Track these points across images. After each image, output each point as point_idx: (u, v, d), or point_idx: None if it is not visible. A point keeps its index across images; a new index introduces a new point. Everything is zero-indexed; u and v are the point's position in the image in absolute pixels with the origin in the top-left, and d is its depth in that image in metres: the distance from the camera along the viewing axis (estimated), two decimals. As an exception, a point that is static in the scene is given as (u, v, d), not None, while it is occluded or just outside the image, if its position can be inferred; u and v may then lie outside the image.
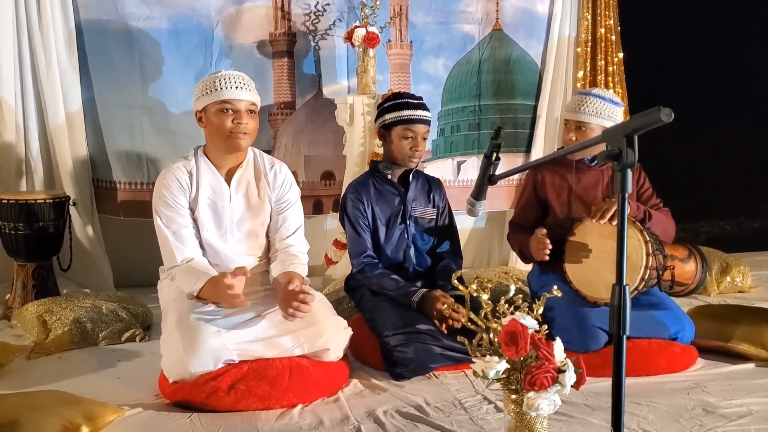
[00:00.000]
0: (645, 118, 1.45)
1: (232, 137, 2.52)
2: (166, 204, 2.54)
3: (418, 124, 2.92)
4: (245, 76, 2.58)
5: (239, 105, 2.51)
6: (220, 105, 2.50)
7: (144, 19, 3.90)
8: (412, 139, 2.92)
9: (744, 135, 5.26)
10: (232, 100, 2.50)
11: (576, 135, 2.96)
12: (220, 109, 2.50)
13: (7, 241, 3.47)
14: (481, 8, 4.53)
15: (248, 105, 2.54)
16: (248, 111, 2.54)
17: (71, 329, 3.01)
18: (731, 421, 2.23)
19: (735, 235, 5.40)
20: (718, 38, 4.98)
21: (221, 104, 2.50)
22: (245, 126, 2.51)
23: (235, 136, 2.51)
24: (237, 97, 2.50)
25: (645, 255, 2.63)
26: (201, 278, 2.44)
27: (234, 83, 2.50)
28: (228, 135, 2.52)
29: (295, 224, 2.70)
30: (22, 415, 1.98)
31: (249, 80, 2.58)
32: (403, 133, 2.92)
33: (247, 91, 2.53)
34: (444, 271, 2.98)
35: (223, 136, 2.52)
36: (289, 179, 2.72)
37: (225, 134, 2.52)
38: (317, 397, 2.42)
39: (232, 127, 2.50)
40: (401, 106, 2.94)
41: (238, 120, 2.51)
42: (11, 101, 3.69)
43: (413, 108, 2.93)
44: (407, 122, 2.91)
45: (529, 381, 1.72)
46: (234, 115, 2.51)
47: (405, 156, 2.94)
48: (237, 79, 2.52)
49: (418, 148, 2.92)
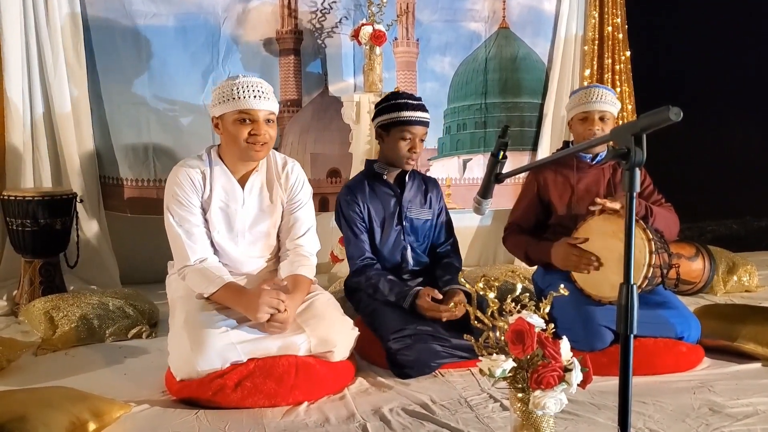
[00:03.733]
0: (654, 117, 1.44)
1: (249, 148, 2.48)
2: (178, 203, 2.52)
3: (416, 126, 2.88)
4: (264, 82, 2.52)
5: (258, 115, 2.46)
6: (238, 115, 2.45)
7: (151, 16, 3.91)
8: (410, 141, 2.88)
9: (751, 133, 5.26)
10: (250, 110, 2.45)
11: (601, 126, 2.96)
12: (238, 119, 2.45)
13: (14, 237, 3.48)
14: (488, 6, 4.53)
15: (267, 114, 2.49)
16: (267, 120, 2.49)
17: (78, 326, 3.02)
18: (737, 420, 2.22)
19: (742, 234, 5.38)
20: (725, 37, 4.96)
21: (239, 114, 2.45)
22: (263, 136, 2.47)
23: (253, 147, 2.47)
24: (256, 107, 2.44)
25: (648, 253, 2.61)
26: (215, 282, 2.44)
27: (252, 92, 2.44)
28: (245, 146, 2.47)
29: (307, 224, 2.68)
30: (30, 411, 1.99)
31: (268, 87, 2.52)
32: (401, 134, 2.87)
33: (266, 101, 2.47)
34: (446, 267, 2.97)
35: (240, 146, 2.48)
36: (302, 179, 2.70)
37: (242, 145, 2.47)
38: (323, 395, 2.42)
39: (249, 138, 2.46)
40: (400, 106, 2.89)
41: (256, 131, 2.46)
42: (18, 99, 3.70)
43: (412, 109, 2.88)
44: (406, 123, 2.86)
45: (535, 379, 1.72)
46: (252, 126, 2.46)
47: (402, 157, 2.91)
48: (256, 88, 2.46)
49: (416, 150, 2.89)
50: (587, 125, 2.99)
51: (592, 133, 2.96)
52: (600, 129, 2.97)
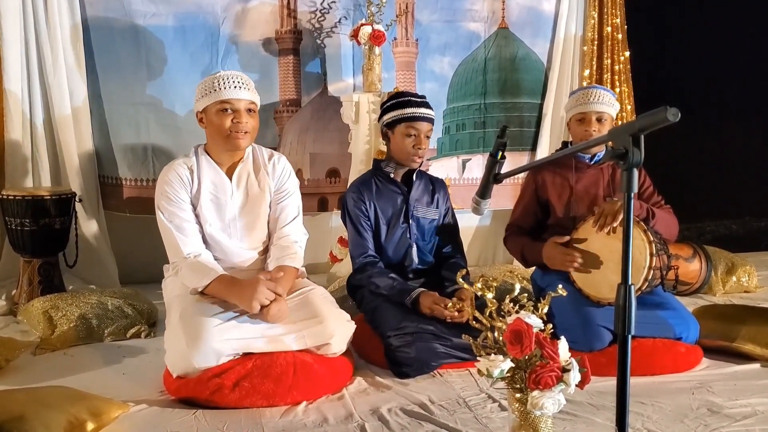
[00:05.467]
0: (651, 117, 1.44)
1: (232, 137, 2.54)
2: (167, 199, 2.55)
3: (421, 122, 2.91)
4: (244, 75, 2.60)
5: (238, 104, 2.53)
6: (220, 105, 2.52)
7: (150, 16, 3.91)
8: (415, 137, 2.90)
9: (750, 134, 5.25)
10: (231, 99, 2.51)
11: (598, 127, 2.96)
12: (219, 109, 2.52)
13: (13, 236, 3.48)
14: (487, 6, 4.53)
15: (247, 104, 2.55)
16: (247, 110, 2.55)
17: (77, 325, 3.02)
18: (736, 421, 2.22)
19: (741, 234, 5.38)
20: (725, 37, 4.96)
21: (221, 104, 2.52)
22: (245, 125, 2.53)
23: (235, 135, 2.53)
24: (236, 96, 2.52)
25: (649, 255, 2.62)
26: (209, 274, 2.46)
27: (233, 83, 2.52)
28: (228, 135, 2.53)
29: (293, 213, 2.72)
30: (28, 410, 1.98)
31: (248, 79, 2.59)
32: (406, 131, 2.90)
33: (246, 90, 2.55)
34: (453, 267, 2.97)
35: (223, 135, 2.54)
36: (288, 169, 2.75)
37: (225, 134, 2.53)
38: (321, 395, 2.42)
39: (232, 126, 2.52)
40: (404, 104, 2.93)
41: (238, 119, 2.52)
42: (18, 98, 3.70)
43: (416, 106, 2.92)
44: (410, 120, 2.90)
45: (533, 380, 1.72)
46: (233, 115, 2.52)
47: (408, 154, 2.93)
48: (236, 79, 2.54)
49: (421, 146, 2.91)
50: (584, 126, 3.00)
51: (589, 133, 2.96)
52: (596, 130, 2.97)
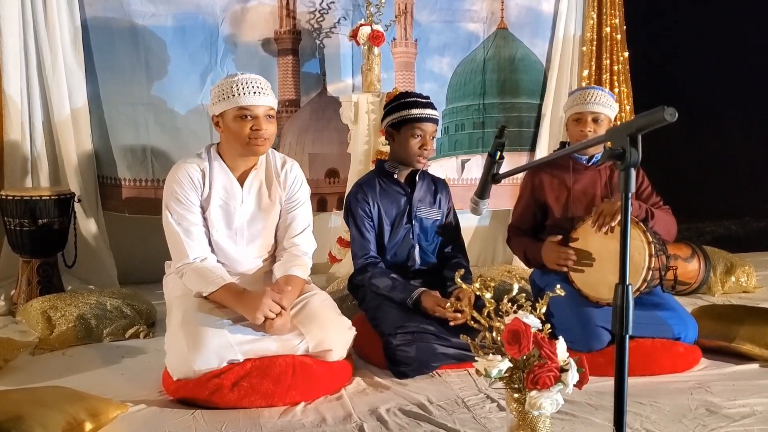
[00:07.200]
0: (649, 117, 1.44)
1: (251, 143, 2.50)
2: (177, 201, 2.53)
3: (426, 123, 2.90)
4: (262, 79, 2.54)
5: (258, 111, 2.48)
6: (239, 111, 2.47)
7: (149, 16, 3.90)
8: (420, 138, 2.90)
9: (750, 134, 5.25)
10: (250, 106, 2.47)
11: (594, 127, 2.96)
12: (238, 116, 2.47)
13: (12, 237, 3.48)
14: (486, 7, 4.52)
15: (267, 110, 2.51)
16: (267, 116, 2.51)
17: (75, 325, 3.02)
18: (735, 421, 2.22)
19: (740, 234, 5.38)
20: (724, 37, 4.96)
21: (240, 110, 2.47)
22: (264, 132, 2.49)
23: (254, 142, 2.49)
24: (255, 103, 2.47)
25: (648, 256, 2.62)
26: (215, 282, 2.45)
27: (252, 88, 2.47)
28: (247, 142, 2.49)
29: (303, 224, 2.69)
30: (26, 411, 1.98)
31: (266, 84, 2.54)
32: (412, 131, 2.89)
33: (265, 96, 2.50)
34: (455, 267, 2.96)
35: (243, 142, 2.50)
36: (300, 178, 2.72)
37: (244, 141, 2.49)
38: (320, 395, 2.42)
39: (251, 134, 2.48)
40: (409, 105, 2.91)
41: (257, 126, 2.48)
42: (17, 98, 3.70)
43: (422, 107, 2.91)
44: (416, 121, 2.89)
45: (531, 380, 1.72)
46: (253, 122, 2.48)
47: (413, 155, 2.92)
48: (255, 84, 2.48)
49: (426, 147, 2.91)
50: (580, 126, 3.00)
51: (585, 134, 2.96)
52: (592, 130, 2.96)
